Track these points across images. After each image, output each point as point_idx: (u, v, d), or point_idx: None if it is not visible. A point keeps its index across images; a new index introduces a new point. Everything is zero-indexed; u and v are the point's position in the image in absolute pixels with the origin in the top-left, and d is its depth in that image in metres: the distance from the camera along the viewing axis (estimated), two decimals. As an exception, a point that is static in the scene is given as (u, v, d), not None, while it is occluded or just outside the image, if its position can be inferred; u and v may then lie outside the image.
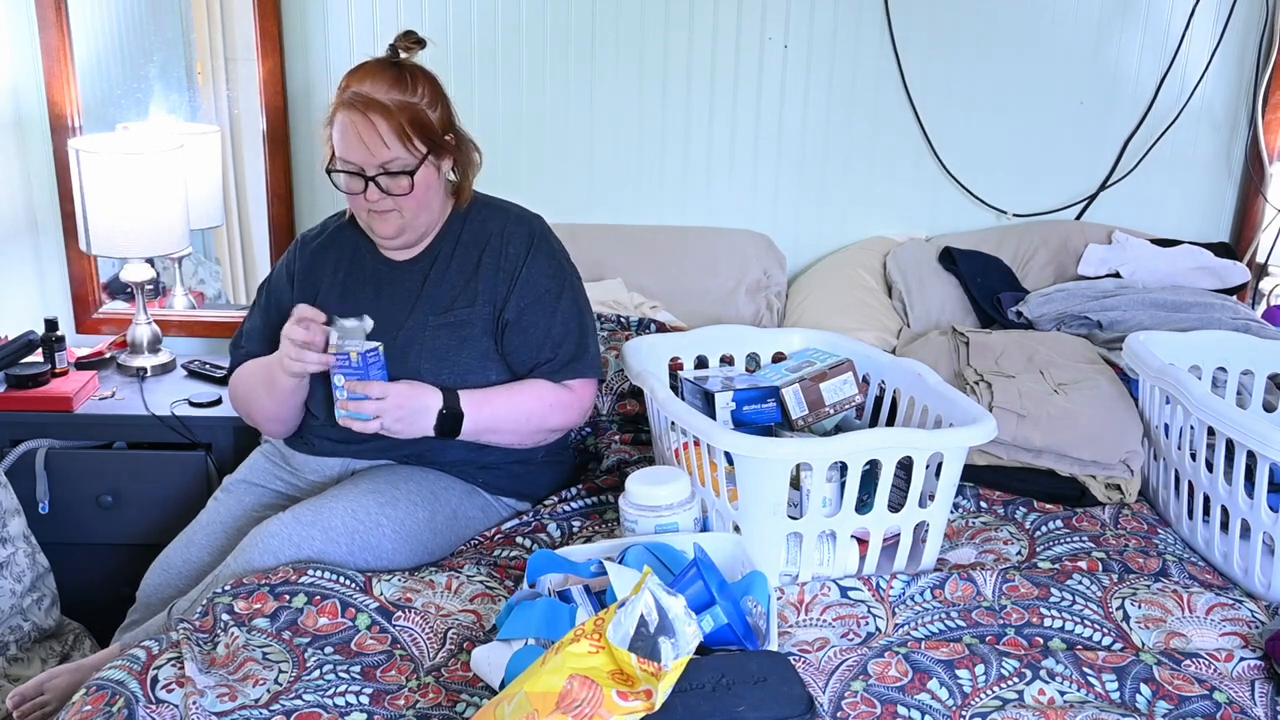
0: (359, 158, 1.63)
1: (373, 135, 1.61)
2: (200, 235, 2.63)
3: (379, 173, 1.63)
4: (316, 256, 1.82)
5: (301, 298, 1.76)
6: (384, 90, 1.62)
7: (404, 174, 1.64)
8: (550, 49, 2.62)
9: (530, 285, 1.74)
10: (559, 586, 1.37)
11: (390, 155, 1.63)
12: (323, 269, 1.81)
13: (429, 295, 1.75)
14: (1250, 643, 1.40)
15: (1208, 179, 2.74)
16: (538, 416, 1.73)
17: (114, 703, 1.24)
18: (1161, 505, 1.84)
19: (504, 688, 1.13)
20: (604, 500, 1.84)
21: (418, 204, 1.68)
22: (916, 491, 1.52)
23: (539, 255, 1.76)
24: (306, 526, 1.58)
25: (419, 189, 1.67)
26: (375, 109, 1.61)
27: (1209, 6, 2.60)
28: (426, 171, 1.67)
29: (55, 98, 2.46)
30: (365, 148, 1.62)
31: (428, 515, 1.69)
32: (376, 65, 1.66)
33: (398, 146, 1.63)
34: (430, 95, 1.67)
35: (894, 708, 1.26)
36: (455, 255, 1.76)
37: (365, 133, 1.61)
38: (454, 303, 1.73)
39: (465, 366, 1.72)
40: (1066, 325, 2.31)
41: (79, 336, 2.60)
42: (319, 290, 1.79)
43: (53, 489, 2.20)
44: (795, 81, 2.64)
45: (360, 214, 1.71)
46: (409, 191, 1.66)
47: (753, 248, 2.64)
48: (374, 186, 1.64)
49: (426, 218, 1.73)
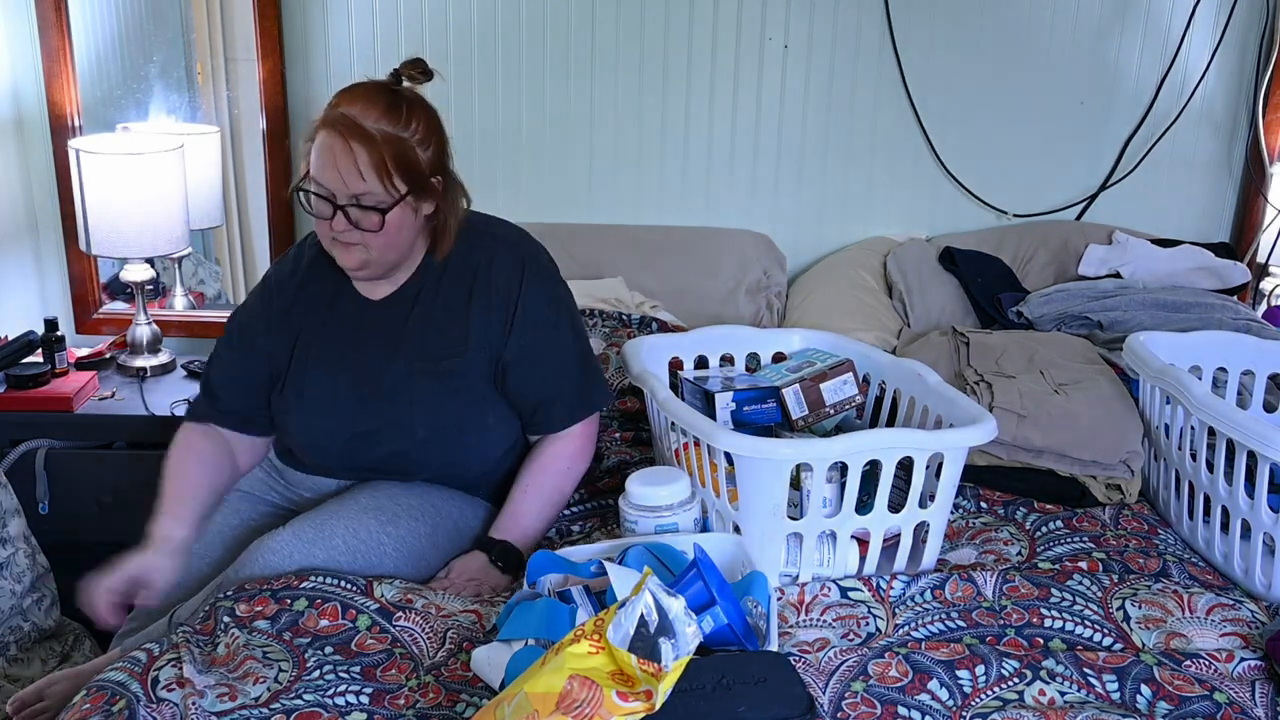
0: (331, 183, 1.51)
1: (349, 164, 1.49)
2: (200, 235, 2.63)
3: (350, 203, 1.51)
4: (296, 298, 1.71)
5: (281, 339, 1.69)
6: (373, 118, 1.50)
7: (375, 210, 1.52)
8: (550, 49, 2.62)
9: (528, 320, 1.66)
10: (559, 587, 1.37)
11: (364, 188, 1.51)
12: (302, 310, 1.71)
13: (412, 339, 1.66)
14: (1251, 643, 1.40)
15: (1208, 179, 2.74)
16: (567, 480, 1.73)
17: (114, 702, 1.24)
18: (1162, 506, 1.84)
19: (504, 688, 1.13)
20: (604, 501, 1.84)
21: (385, 243, 1.56)
22: (917, 492, 1.52)
23: (532, 284, 1.67)
24: (308, 544, 1.55)
25: (389, 228, 1.54)
26: (358, 136, 1.49)
27: (1209, 7, 2.60)
28: (402, 212, 1.55)
29: (55, 98, 2.46)
30: (339, 175, 1.50)
31: (429, 530, 1.66)
32: (373, 89, 1.54)
33: (374, 181, 1.50)
34: (424, 132, 1.55)
35: (894, 708, 1.26)
36: (440, 292, 1.66)
37: (342, 159, 1.49)
38: (442, 351, 1.65)
39: (460, 415, 1.67)
40: (1067, 325, 2.31)
41: (79, 337, 2.60)
42: (299, 332, 1.70)
43: (53, 489, 2.20)
44: (795, 81, 2.64)
45: (324, 239, 1.60)
46: (378, 229, 1.53)
47: (753, 248, 2.64)
48: (341, 216, 1.52)
49: (395, 257, 1.61)
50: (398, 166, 1.51)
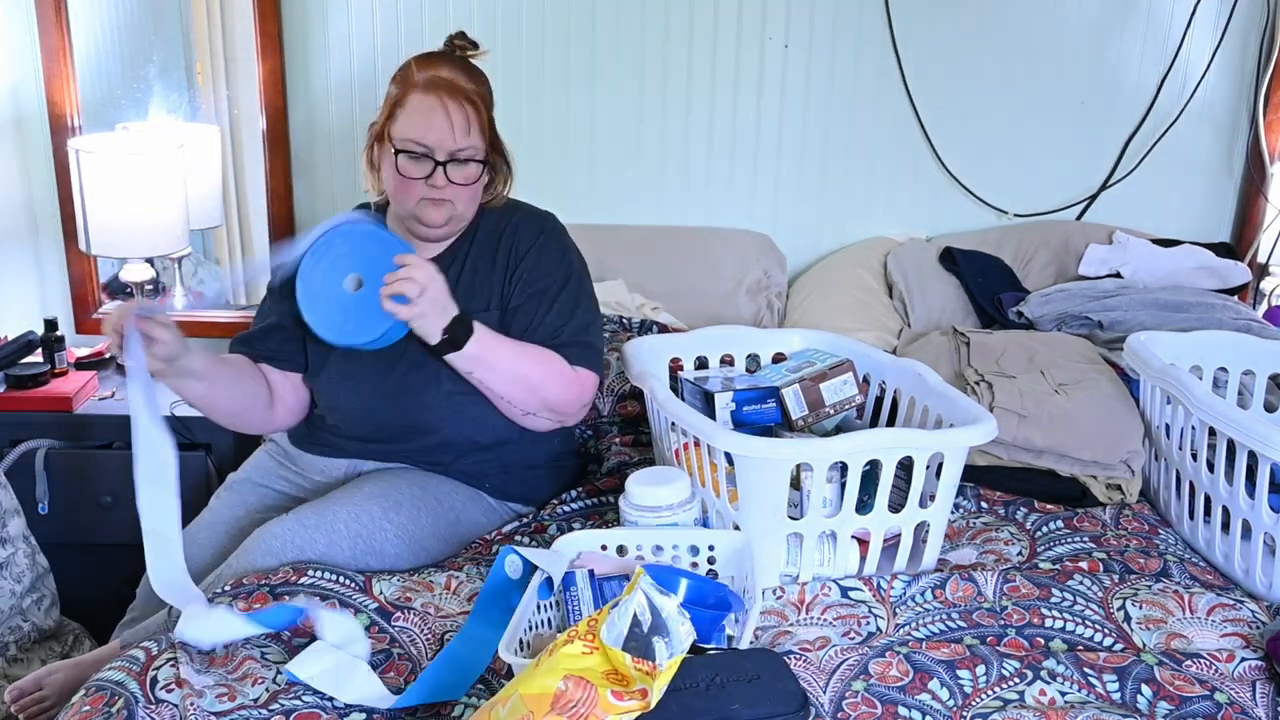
0: (435, 141, 1.62)
1: (460, 119, 1.62)
2: (200, 235, 2.63)
3: (449, 159, 1.63)
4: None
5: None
6: (464, 79, 1.65)
7: (474, 162, 1.66)
8: (550, 49, 2.62)
9: (533, 276, 1.73)
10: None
11: (468, 143, 1.64)
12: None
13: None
14: (1251, 643, 1.39)
15: (1208, 179, 2.73)
16: (538, 376, 1.67)
17: (113, 703, 1.24)
18: (1162, 506, 1.84)
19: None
20: (604, 501, 1.84)
21: (470, 197, 1.69)
22: (917, 492, 1.52)
23: (546, 250, 1.75)
24: (310, 529, 1.57)
25: (479, 184, 1.68)
26: (461, 95, 1.63)
27: (1210, 7, 2.59)
28: (485, 168, 1.69)
29: (55, 98, 2.46)
30: (448, 131, 1.62)
31: (431, 519, 1.68)
32: (449, 56, 1.68)
33: (476, 135, 1.65)
34: (489, 97, 1.71)
35: (895, 708, 1.25)
36: (470, 255, 1.76)
37: (454, 116, 1.62)
38: (470, 305, 1.69)
39: None
40: (1067, 325, 2.31)
41: (79, 336, 2.60)
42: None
43: (52, 489, 2.20)
44: (795, 81, 2.64)
45: (408, 201, 1.67)
46: (474, 181, 1.67)
47: (753, 248, 2.64)
48: (441, 172, 1.63)
49: (470, 212, 1.73)
50: (486, 124, 1.67)
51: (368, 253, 1.60)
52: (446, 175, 1.64)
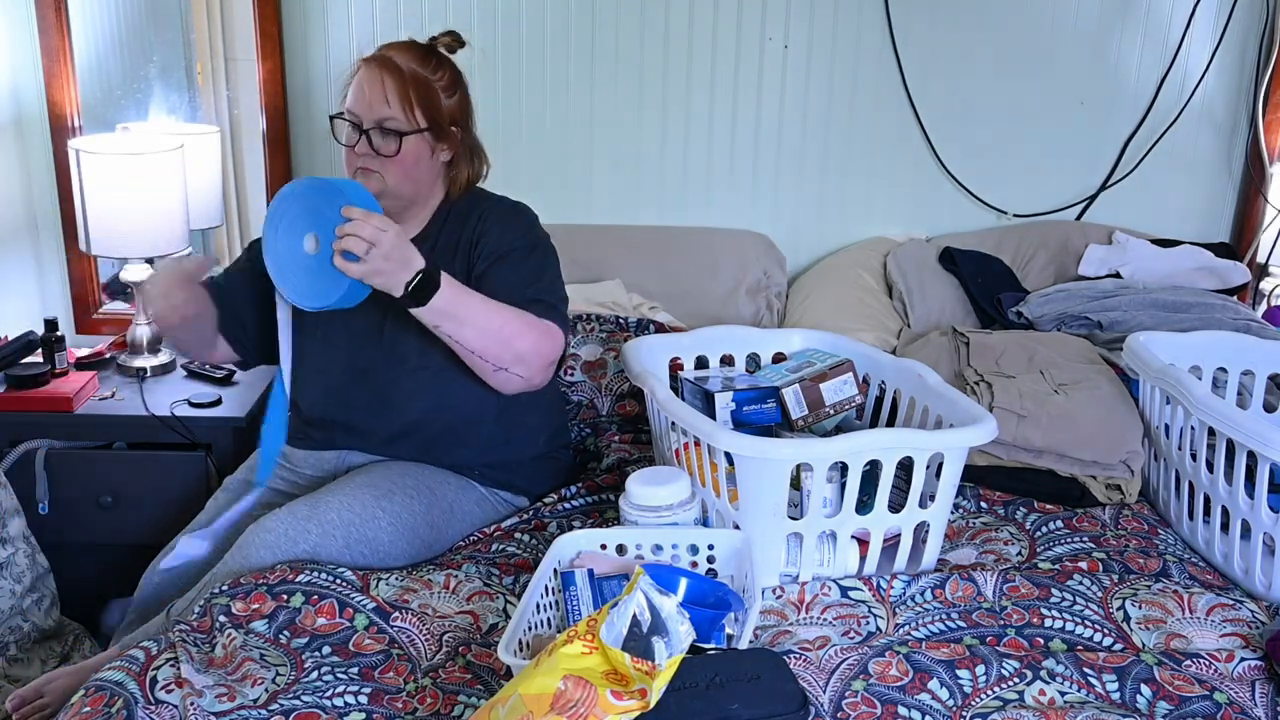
0: (359, 109, 1.69)
1: (377, 91, 1.68)
2: (200, 235, 2.63)
3: (373, 127, 1.68)
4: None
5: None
6: (406, 59, 1.70)
7: (395, 134, 1.68)
8: (550, 49, 2.62)
9: (497, 245, 1.74)
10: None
11: (388, 113, 1.68)
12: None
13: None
14: (1251, 643, 1.39)
15: (1208, 179, 2.73)
16: (509, 329, 1.64)
17: (113, 703, 1.24)
18: (1162, 506, 1.84)
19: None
20: (604, 498, 1.84)
21: (402, 172, 1.70)
22: (917, 492, 1.52)
23: (510, 224, 1.78)
24: (303, 521, 1.58)
25: (406, 157, 1.69)
26: (389, 68, 1.69)
27: (1209, 7, 2.60)
28: (418, 143, 1.70)
29: (55, 98, 2.46)
30: (368, 101, 1.68)
31: (424, 508, 1.68)
32: (412, 42, 1.75)
33: (398, 108, 1.68)
34: (448, 82, 1.74)
35: (894, 708, 1.26)
36: (440, 237, 1.78)
37: (371, 87, 1.68)
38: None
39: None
40: (1067, 325, 2.31)
41: (79, 337, 2.60)
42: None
43: (53, 489, 2.20)
44: (795, 82, 2.64)
45: (349, 169, 1.73)
46: (394, 154, 1.68)
47: (753, 248, 2.64)
48: (364, 140, 1.68)
49: (409, 191, 1.73)
50: (419, 101, 1.69)
51: (318, 209, 1.56)
52: (371, 145, 1.68)
